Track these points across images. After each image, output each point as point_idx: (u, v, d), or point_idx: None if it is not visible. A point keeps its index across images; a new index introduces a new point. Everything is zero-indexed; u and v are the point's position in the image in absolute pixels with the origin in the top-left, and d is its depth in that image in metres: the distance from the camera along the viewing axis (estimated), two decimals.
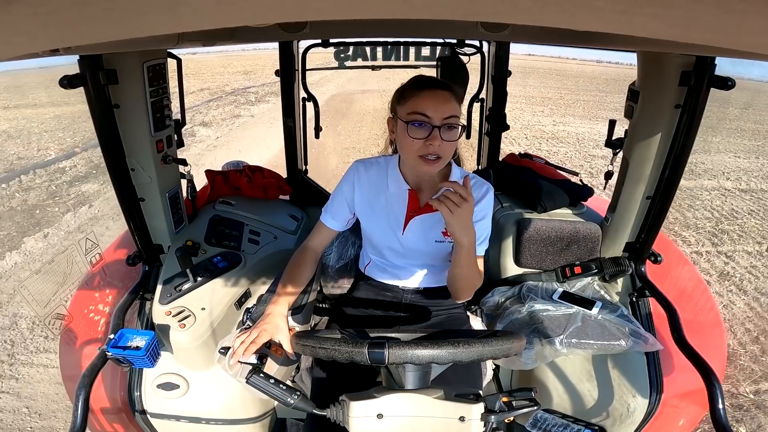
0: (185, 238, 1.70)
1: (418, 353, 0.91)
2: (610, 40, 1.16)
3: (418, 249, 1.49)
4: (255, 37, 1.40)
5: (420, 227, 1.44)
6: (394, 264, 1.58)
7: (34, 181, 6.81)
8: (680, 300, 1.57)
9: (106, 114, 1.32)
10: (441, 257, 1.52)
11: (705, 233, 5.60)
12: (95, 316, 1.68)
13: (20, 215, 5.56)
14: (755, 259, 4.96)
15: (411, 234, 1.45)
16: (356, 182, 1.45)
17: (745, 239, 5.46)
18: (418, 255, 1.52)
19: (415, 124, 1.22)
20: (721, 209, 6.47)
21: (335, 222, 1.49)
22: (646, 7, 0.30)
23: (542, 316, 1.62)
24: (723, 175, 8.22)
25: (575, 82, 25.61)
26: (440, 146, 1.23)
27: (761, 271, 4.68)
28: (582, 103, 17.22)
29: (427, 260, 1.54)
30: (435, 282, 1.60)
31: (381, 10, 0.35)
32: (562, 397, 1.57)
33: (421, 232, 1.45)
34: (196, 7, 0.32)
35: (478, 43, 2.13)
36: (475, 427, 0.92)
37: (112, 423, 1.57)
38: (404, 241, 1.47)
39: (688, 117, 1.37)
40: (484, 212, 1.42)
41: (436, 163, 1.25)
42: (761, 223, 6.04)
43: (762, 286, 4.37)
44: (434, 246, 1.46)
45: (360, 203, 1.46)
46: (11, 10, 0.27)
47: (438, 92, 1.24)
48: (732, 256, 4.98)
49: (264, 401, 1.63)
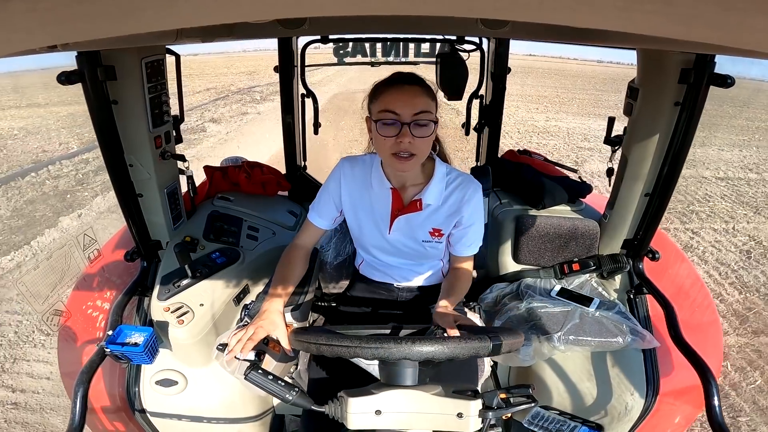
0: (184, 234, 1.70)
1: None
2: (610, 37, 1.16)
3: (406, 248, 1.47)
4: (254, 33, 1.39)
5: (406, 226, 1.42)
6: (384, 263, 1.56)
7: (62, 170, 7.18)
8: (677, 297, 1.57)
9: (105, 110, 1.32)
10: (431, 256, 1.51)
11: (675, 213, 5.90)
12: (93, 313, 1.68)
13: (53, 199, 5.99)
14: (720, 235, 5.27)
15: (397, 233, 1.43)
16: (343, 179, 1.43)
17: (713, 219, 5.80)
18: (407, 254, 1.50)
19: (385, 122, 1.20)
20: (695, 194, 6.75)
21: (322, 220, 1.47)
22: (647, 4, 0.30)
23: (540, 313, 1.62)
24: (703, 165, 8.46)
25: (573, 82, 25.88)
26: (411, 143, 1.20)
27: (724, 245, 4.99)
28: (577, 101, 17.59)
29: (418, 259, 1.53)
30: (429, 280, 1.59)
31: (380, 7, 0.35)
32: (559, 393, 1.58)
33: (408, 232, 1.43)
34: (194, 2, 0.32)
35: (477, 40, 2.12)
36: (472, 423, 0.92)
37: (111, 419, 1.57)
38: (391, 241, 1.45)
39: (687, 114, 1.37)
40: (473, 218, 1.40)
41: (409, 160, 1.23)
42: (731, 206, 6.35)
43: (723, 258, 4.67)
44: (422, 246, 1.45)
45: (346, 201, 1.44)
46: (9, 6, 0.27)
47: (406, 88, 1.21)
48: (698, 232, 5.31)
49: (262, 398, 1.63)
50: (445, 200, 1.39)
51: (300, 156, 2.42)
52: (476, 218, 1.40)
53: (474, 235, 1.42)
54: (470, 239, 1.43)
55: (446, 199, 1.39)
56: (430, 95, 1.24)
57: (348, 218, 1.48)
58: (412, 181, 1.39)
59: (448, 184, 1.39)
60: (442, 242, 1.45)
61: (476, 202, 1.38)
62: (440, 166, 1.39)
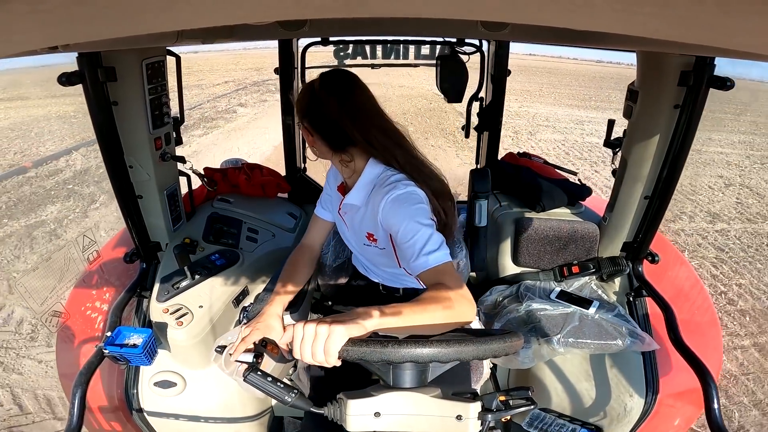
0: (183, 235, 1.70)
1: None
2: (610, 39, 1.16)
3: (361, 248, 1.43)
4: (254, 35, 1.39)
5: (351, 226, 1.40)
6: (364, 264, 1.57)
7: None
8: (677, 300, 1.57)
9: (105, 111, 1.32)
10: (382, 261, 1.41)
11: None
12: (92, 314, 1.68)
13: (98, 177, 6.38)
14: None
15: (350, 232, 1.42)
16: (331, 173, 1.49)
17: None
18: (366, 255, 1.49)
19: None
20: None
21: (326, 212, 1.50)
22: (646, 7, 0.30)
23: (540, 316, 1.62)
24: None
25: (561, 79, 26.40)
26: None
27: None
28: (555, 94, 18.68)
29: (380, 262, 1.46)
30: (409, 282, 1.54)
31: (381, 9, 0.35)
32: (559, 396, 1.58)
33: (355, 232, 1.40)
34: (195, 4, 0.32)
35: (477, 42, 2.13)
36: (472, 425, 0.92)
37: (109, 421, 1.57)
38: (349, 238, 1.45)
39: (686, 117, 1.37)
40: (396, 225, 1.16)
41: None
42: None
43: None
44: (366, 250, 1.38)
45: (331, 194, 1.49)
46: (10, 8, 0.27)
47: None
48: None
49: (261, 399, 1.63)
50: (367, 203, 1.31)
51: (300, 158, 2.43)
52: (401, 229, 1.15)
53: (411, 246, 1.12)
54: (407, 253, 1.14)
55: (368, 202, 1.31)
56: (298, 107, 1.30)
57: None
58: (351, 181, 1.36)
59: (376, 186, 1.29)
60: (383, 248, 1.34)
61: (392, 210, 1.19)
62: (373, 167, 1.29)
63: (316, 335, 0.85)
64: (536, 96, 17.59)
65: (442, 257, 1.09)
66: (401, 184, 1.22)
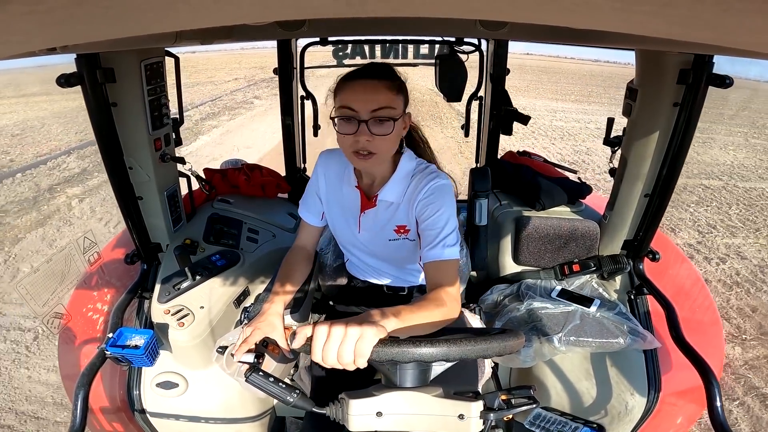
0: (184, 236, 1.70)
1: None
2: (609, 38, 1.16)
3: (378, 249, 1.41)
4: (253, 36, 1.39)
5: (372, 226, 1.36)
6: (366, 263, 1.52)
7: None
8: (678, 298, 1.57)
9: (104, 112, 1.32)
10: (404, 255, 1.41)
11: None
12: (94, 315, 1.68)
13: None
14: None
15: (366, 233, 1.38)
16: (323, 174, 1.39)
17: None
18: (380, 255, 1.44)
19: (342, 118, 1.13)
20: None
21: (311, 216, 1.42)
22: (645, 5, 0.30)
23: (541, 314, 1.62)
24: None
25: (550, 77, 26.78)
26: (370, 141, 1.12)
27: None
28: (540, 89, 19.36)
29: (393, 261, 1.45)
30: (417, 280, 1.53)
31: (380, 9, 0.35)
32: (560, 394, 1.58)
33: (375, 231, 1.36)
34: (193, 5, 0.32)
35: (476, 41, 2.12)
36: (473, 424, 0.92)
37: (111, 422, 1.57)
38: (362, 240, 1.40)
39: (686, 115, 1.37)
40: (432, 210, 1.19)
41: (369, 158, 1.15)
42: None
43: None
44: (390, 246, 1.37)
45: (323, 197, 1.40)
46: (8, 9, 0.27)
47: (366, 83, 1.13)
48: None
49: (263, 400, 1.63)
50: (407, 196, 1.29)
51: (300, 158, 2.43)
52: (433, 211, 1.19)
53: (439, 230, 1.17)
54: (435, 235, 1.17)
55: (409, 194, 1.29)
56: (396, 90, 1.15)
57: (326, 214, 1.43)
58: (380, 178, 1.32)
59: (413, 179, 1.29)
60: (412, 239, 1.34)
61: (433, 196, 1.21)
62: (407, 161, 1.29)
63: (346, 336, 0.83)
64: (522, 91, 18.32)
65: (454, 253, 1.15)
66: (442, 175, 1.27)
